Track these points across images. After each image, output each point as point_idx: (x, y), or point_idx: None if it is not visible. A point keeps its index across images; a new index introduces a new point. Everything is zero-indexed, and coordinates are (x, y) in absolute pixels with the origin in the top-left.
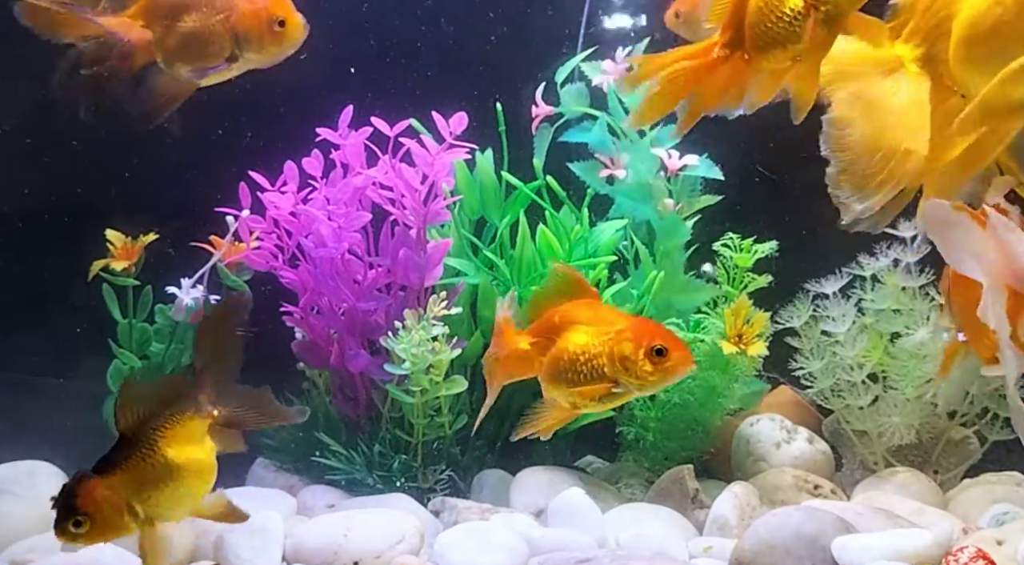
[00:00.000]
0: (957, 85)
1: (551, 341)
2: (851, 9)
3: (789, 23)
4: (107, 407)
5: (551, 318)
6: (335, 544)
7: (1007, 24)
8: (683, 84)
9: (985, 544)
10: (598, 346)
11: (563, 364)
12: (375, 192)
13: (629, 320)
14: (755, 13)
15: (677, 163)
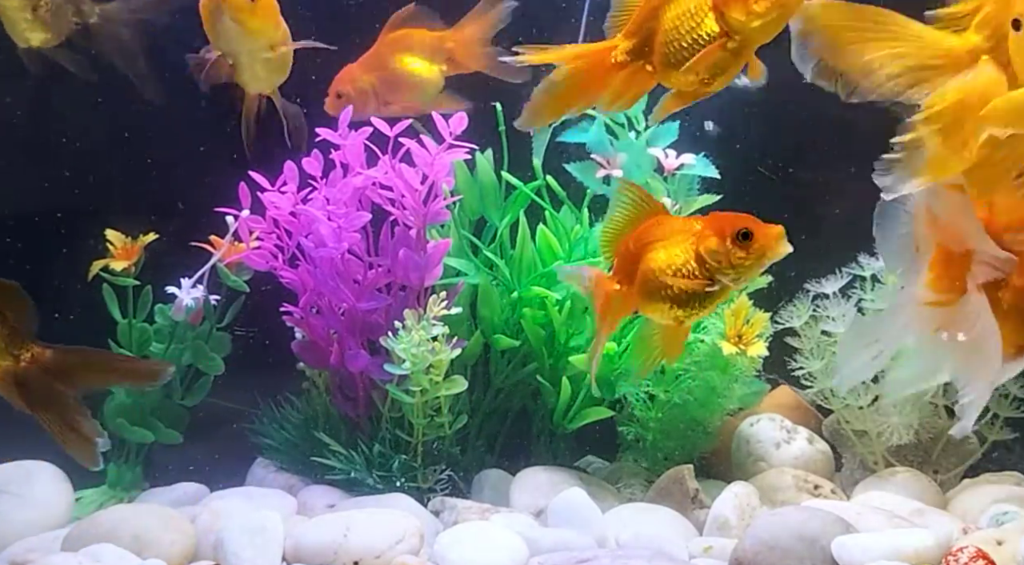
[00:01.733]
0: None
1: (633, 272)
2: (764, 39)
3: (704, 46)
4: (107, 407)
5: (626, 248)
6: (335, 544)
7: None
8: (579, 86)
9: (985, 544)
10: (683, 253)
11: (653, 283)
12: (375, 192)
13: (703, 219)
14: (670, 31)
15: (674, 162)
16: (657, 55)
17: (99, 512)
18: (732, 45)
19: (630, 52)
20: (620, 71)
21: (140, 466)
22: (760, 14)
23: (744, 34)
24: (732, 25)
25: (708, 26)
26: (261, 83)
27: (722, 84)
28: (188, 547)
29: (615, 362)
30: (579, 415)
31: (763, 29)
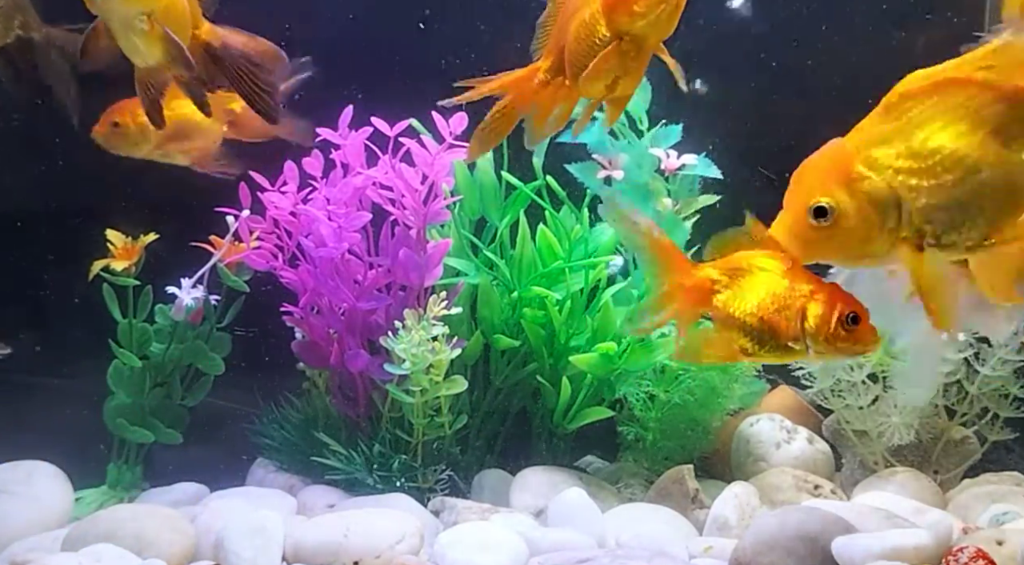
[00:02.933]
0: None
1: (736, 280)
2: (656, 38)
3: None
4: (107, 407)
5: (739, 259)
6: (335, 544)
7: None
8: (512, 111)
9: (985, 544)
10: (789, 299)
11: (749, 307)
12: (375, 192)
13: (821, 282)
14: (572, 42)
15: (675, 163)
16: (567, 68)
17: (99, 512)
18: (625, 47)
19: (549, 70)
20: (544, 90)
21: (140, 466)
22: (643, 14)
23: (633, 35)
24: (620, 28)
25: (600, 32)
26: (142, 55)
27: (631, 87)
28: (188, 547)
29: (615, 362)
30: (579, 415)
31: (651, 28)
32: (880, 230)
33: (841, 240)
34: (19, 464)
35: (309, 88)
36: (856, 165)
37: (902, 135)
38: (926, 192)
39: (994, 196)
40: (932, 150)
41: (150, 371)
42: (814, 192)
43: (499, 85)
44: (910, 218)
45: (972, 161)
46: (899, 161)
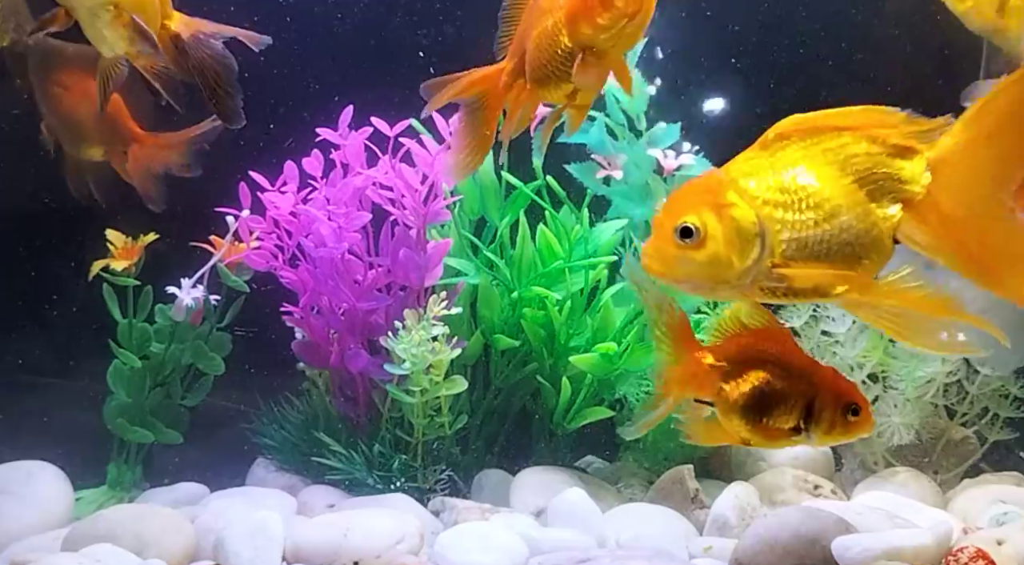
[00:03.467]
0: None
1: (739, 368)
2: (619, 52)
3: (561, 62)
4: (107, 407)
5: (741, 344)
6: (335, 544)
7: None
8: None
9: (985, 544)
10: (793, 391)
11: (752, 399)
12: (375, 192)
13: (824, 370)
14: (533, 50)
15: (673, 163)
16: (528, 74)
17: (99, 512)
18: (587, 59)
19: (511, 73)
20: (507, 92)
21: (140, 466)
22: (607, 27)
23: (596, 47)
24: (582, 40)
25: (562, 42)
26: (109, 45)
27: (591, 97)
28: (188, 547)
29: (615, 362)
30: (579, 415)
31: (614, 42)
32: (742, 257)
33: (703, 263)
34: (19, 464)
35: (310, 88)
36: (727, 192)
37: (774, 171)
38: (789, 226)
39: (852, 243)
40: (799, 188)
41: (150, 371)
42: (683, 213)
43: (465, 84)
44: (771, 251)
45: (834, 205)
46: (767, 194)
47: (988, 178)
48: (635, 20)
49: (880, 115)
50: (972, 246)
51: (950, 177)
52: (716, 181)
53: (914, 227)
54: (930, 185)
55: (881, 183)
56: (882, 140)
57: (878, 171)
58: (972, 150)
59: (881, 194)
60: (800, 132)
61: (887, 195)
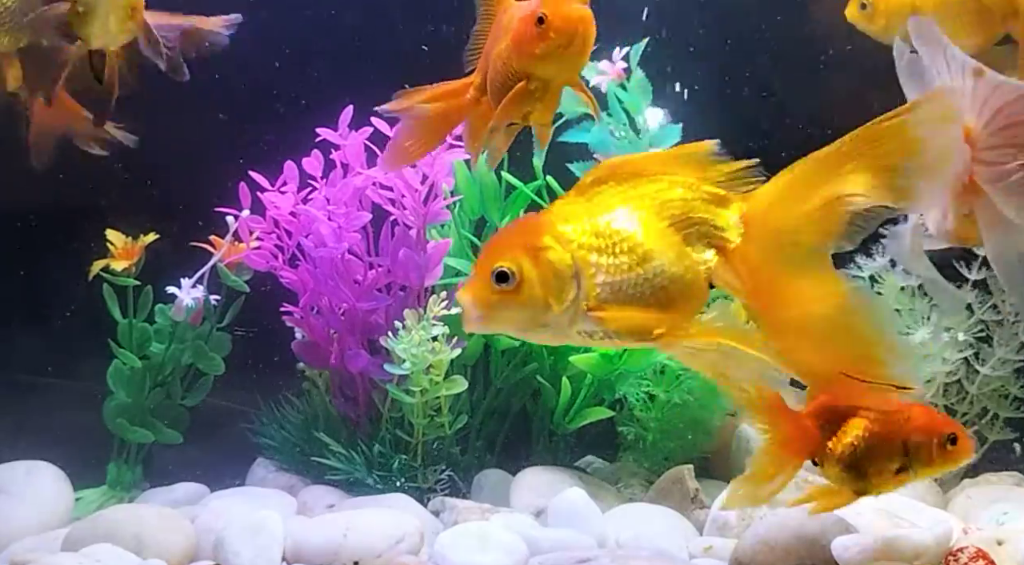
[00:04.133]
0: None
1: (835, 425)
2: (560, 80)
3: (513, 84)
4: (107, 407)
5: (834, 402)
6: (335, 544)
7: None
8: (441, 125)
9: (985, 544)
10: (891, 433)
11: (857, 450)
12: (375, 192)
13: (913, 406)
14: (491, 70)
15: None
16: (489, 92)
17: (99, 512)
18: (533, 85)
19: (478, 88)
20: (475, 107)
21: (140, 466)
22: (543, 57)
23: (536, 76)
24: (524, 68)
25: (512, 66)
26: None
27: (547, 117)
28: (188, 547)
29: (615, 362)
30: (579, 415)
31: (553, 71)
32: (558, 301)
33: (522, 306)
34: (19, 464)
35: (310, 88)
36: (544, 236)
37: (590, 215)
38: (604, 270)
39: (667, 287)
40: (614, 232)
41: (150, 371)
42: (499, 258)
43: (431, 96)
44: (587, 294)
45: (648, 250)
46: (583, 238)
47: (799, 233)
48: (571, 50)
49: (695, 160)
50: (777, 301)
51: (761, 228)
52: (533, 225)
53: (728, 274)
54: (744, 235)
55: (697, 228)
56: (698, 186)
57: (693, 216)
58: (786, 203)
59: (697, 239)
60: (617, 177)
61: (703, 240)
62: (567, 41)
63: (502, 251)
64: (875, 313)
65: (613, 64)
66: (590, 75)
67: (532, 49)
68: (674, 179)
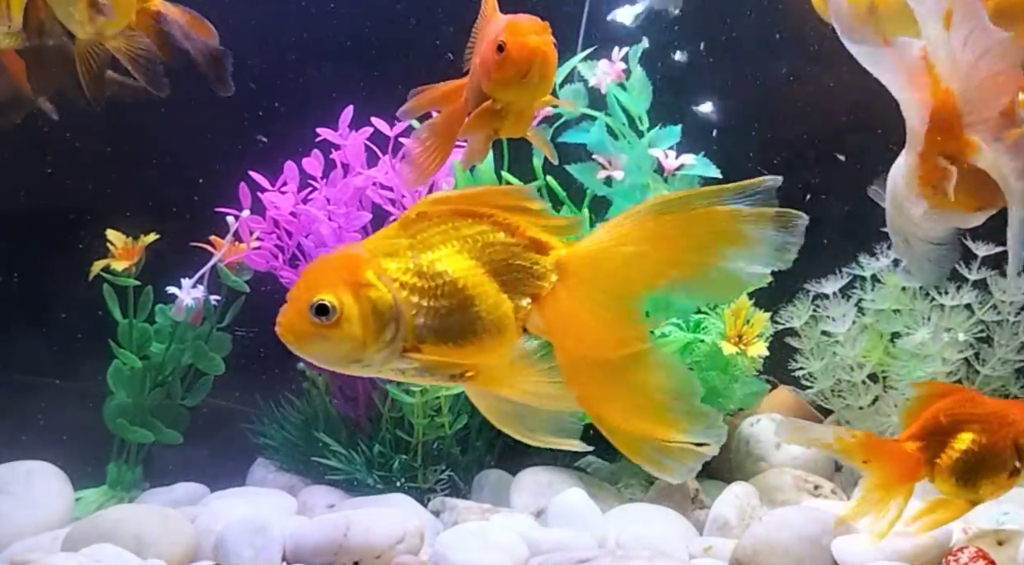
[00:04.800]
0: None
1: (940, 440)
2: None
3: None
4: (107, 407)
5: (935, 419)
6: (335, 544)
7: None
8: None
9: (985, 544)
10: (998, 438)
11: (968, 464)
12: (375, 192)
13: (1013, 406)
14: (470, 79)
15: (674, 163)
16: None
17: (99, 512)
18: (498, 106)
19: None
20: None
21: (140, 466)
22: (502, 83)
23: (497, 99)
24: (487, 90)
25: (481, 84)
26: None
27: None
28: (188, 547)
29: None
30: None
31: (510, 97)
32: (376, 340)
33: (338, 341)
34: (19, 464)
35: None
36: (366, 271)
37: (413, 253)
38: (424, 312)
39: (482, 332)
40: (436, 274)
41: (150, 371)
42: (320, 290)
43: (436, 95)
44: (404, 334)
45: (468, 295)
46: (406, 276)
47: (612, 287)
48: (527, 80)
49: (519, 202)
50: (580, 351)
51: (574, 278)
52: (355, 259)
53: (541, 322)
54: (556, 283)
55: (515, 275)
56: (521, 231)
57: (513, 263)
58: (604, 256)
59: (514, 285)
60: (441, 215)
61: (519, 287)
62: (523, 71)
63: (323, 283)
64: (673, 376)
65: (612, 63)
66: (589, 74)
67: (492, 74)
68: (497, 222)
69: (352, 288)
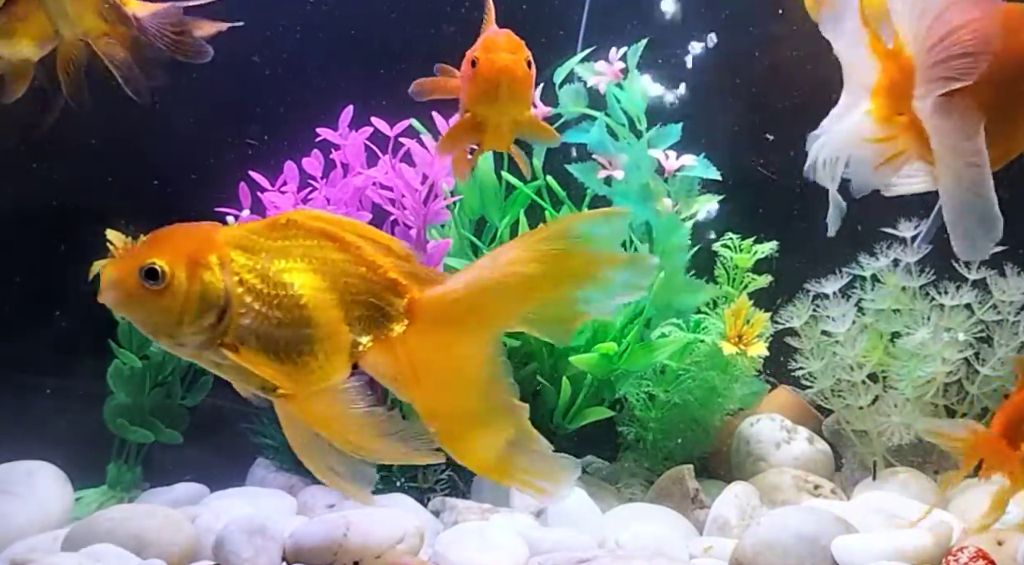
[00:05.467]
0: None
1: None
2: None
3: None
4: (107, 407)
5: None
6: (335, 544)
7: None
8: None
9: (985, 544)
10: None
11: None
12: (375, 192)
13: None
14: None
15: (674, 164)
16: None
17: (99, 512)
18: (477, 119)
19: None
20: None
21: (140, 466)
22: (474, 97)
23: (473, 114)
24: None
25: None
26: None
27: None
28: (188, 547)
29: (615, 362)
30: (579, 415)
31: (484, 112)
32: (192, 323)
33: (155, 310)
34: (19, 464)
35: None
36: (211, 254)
37: (267, 256)
38: (253, 315)
39: (309, 355)
40: (281, 283)
41: (150, 371)
42: (158, 254)
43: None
44: (225, 330)
45: (306, 315)
46: (249, 275)
47: (469, 331)
48: (497, 97)
49: (389, 243)
50: (434, 403)
51: (429, 324)
52: (206, 239)
53: (384, 363)
54: (409, 327)
55: (365, 311)
56: (383, 271)
57: (366, 299)
58: (458, 302)
59: (361, 321)
60: (311, 230)
61: (367, 324)
62: (492, 88)
63: (164, 250)
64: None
65: (611, 64)
66: (587, 75)
67: (467, 89)
68: (362, 256)
69: (190, 264)
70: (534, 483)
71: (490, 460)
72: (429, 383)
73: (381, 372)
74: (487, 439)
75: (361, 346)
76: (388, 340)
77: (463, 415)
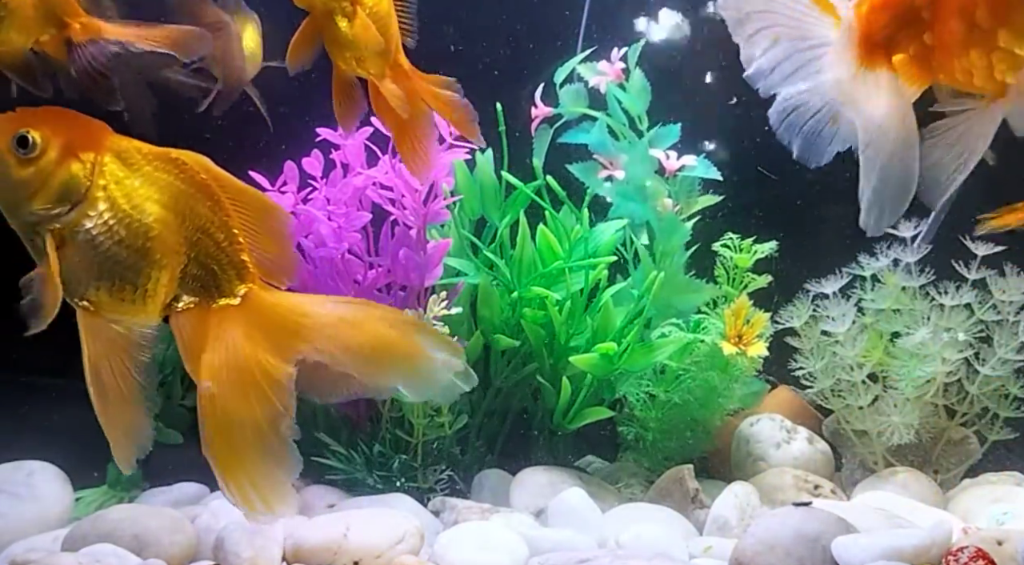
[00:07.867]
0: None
1: None
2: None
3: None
4: None
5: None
6: (335, 544)
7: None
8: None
9: (985, 544)
10: None
11: None
12: (375, 192)
13: None
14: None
15: (675, 164)
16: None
17: (99, 512)
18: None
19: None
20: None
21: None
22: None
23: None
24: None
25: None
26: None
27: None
28: (188, 547)
29: (615, 362)
30: (579, 415)
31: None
32: (42, 205)
33: (12, 177)
34: (19, 464)
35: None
36: (88, 152)
37: (141, 178)
38: (97, 225)
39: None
40: (138, 208)
41: None
42: (42, 127)
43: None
44: (68, 224)
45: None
46: (115, 186)
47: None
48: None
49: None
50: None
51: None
52: (93, 134)
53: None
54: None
55: (201, 273)
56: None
57: (207, 263)
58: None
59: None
60: (194, 180)
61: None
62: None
63: (51, 127)
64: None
65: (612, 64)
66: (588, 75)
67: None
68: (227, 224)
69: (64, 150)
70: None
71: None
72: (220, 372)
73: (183, 337)
74: (246, 453)
75: (180, 304)
76: (206, 312)
77: (235, 417)
